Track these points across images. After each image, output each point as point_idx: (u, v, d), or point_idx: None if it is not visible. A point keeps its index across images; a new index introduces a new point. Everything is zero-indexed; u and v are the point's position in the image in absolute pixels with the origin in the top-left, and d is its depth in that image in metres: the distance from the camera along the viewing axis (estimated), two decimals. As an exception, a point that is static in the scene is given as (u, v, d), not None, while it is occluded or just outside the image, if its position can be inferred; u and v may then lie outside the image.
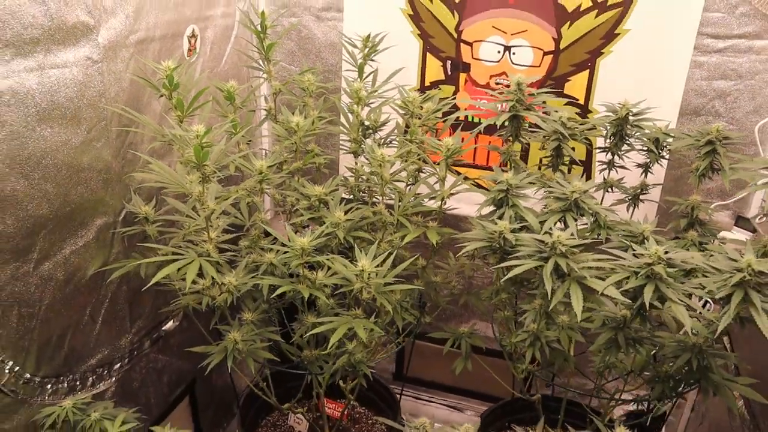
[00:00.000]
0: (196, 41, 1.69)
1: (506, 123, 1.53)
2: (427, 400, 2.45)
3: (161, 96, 1.28)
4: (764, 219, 1.54)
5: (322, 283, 1.34)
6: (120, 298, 1.58)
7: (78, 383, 1.49)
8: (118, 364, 1.62)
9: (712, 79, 1.70)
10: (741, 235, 1.70)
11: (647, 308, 1.15)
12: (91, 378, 1.54)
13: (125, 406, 1.40)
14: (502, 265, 1.25)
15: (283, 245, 1.31)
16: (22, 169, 1.20)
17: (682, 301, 1.08)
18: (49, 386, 1.40)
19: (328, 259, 1.28)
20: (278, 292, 1.28)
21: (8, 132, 1.15)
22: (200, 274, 1.29)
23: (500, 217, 1.34)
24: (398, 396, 2.01)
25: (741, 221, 1.77)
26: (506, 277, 1.16)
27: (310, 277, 1.34)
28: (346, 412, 1.93)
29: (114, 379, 1.61)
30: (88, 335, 1.50)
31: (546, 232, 1.21)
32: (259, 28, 1.59)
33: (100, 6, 1.30)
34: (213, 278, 1.27)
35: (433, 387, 2.43)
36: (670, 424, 2.09)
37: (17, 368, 1.30)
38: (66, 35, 1.23)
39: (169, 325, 1.81)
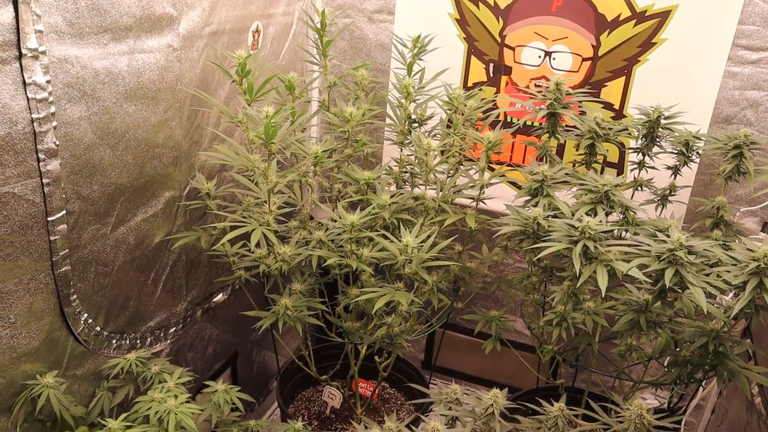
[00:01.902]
0: (259, 36, 1.84)
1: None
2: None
3: (233, 81, 1.42)
4: (788, 222, 1.62)
5: (368, 258, 1.46)
6: (179, 268, 1.73)
7: (138, 342, 1.64)
8: (173, 329, 1.77)
9: (744, 89, 1.78)
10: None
11: (667, 291, 1.24)
12: (149, 338, 1.68)
13: (176, 368, 1.54)
14: (535, 246, 1.35)
15: (333, 221, 1.44)
16: (109, 141, 1.35)
17: (700, 285, 1.18)
18: (114, 341, 1.55)
19: (376, 235, 1.40)
20: (328, 263, 1.41)
21: (101, 107, 1.31)
22: (257, 244, 1.43)
23: (535, 205, 1.45)
24: (428, 379, 2.12)
25: (767, 227, 1.84)
26: (538, 256, 1.27)
27: (357, 252, 1.46)
28: (377, 391, 2.05)
29: (169, 341, 1.76)
30: (149, 298, 1.65)
31: (577, 219, 1.32)
32: (319, 26, 1.73)
33: (183, 0, 1.46)
34: (269, 247, 1.40)
35: (459, 377, 2.53)
36: (690, 426, 2.15)
37: (90, 321, 1.45)
38: (153, 24, 1.38)
39: (219, 297, 1.95)
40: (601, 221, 1.29)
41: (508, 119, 2.03)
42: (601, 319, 1.46)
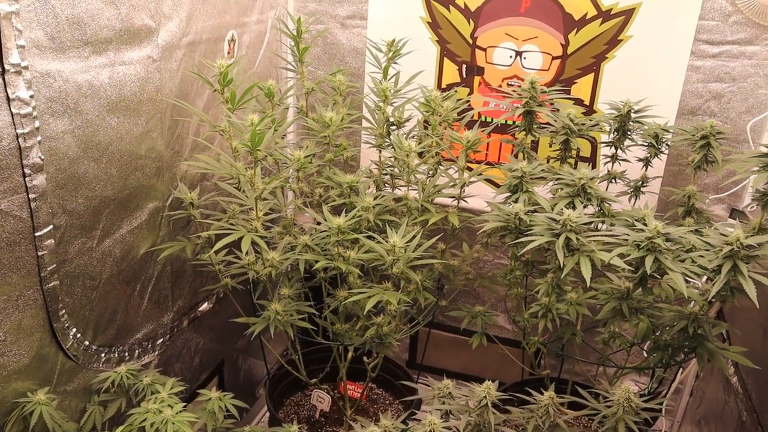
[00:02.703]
0: (234, 45, 1.85)
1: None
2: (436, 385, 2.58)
3: (214, 90, 1.43)
4: (755, 207, 1.68)
5: (355, 260, 1.48)
6: (164, 278, 1.72)
7: (126, 354, 1.63)
8: (161, 340, 1.76)
9: (707, 82, 1.85)
10: (734, 225, 1.85)
11: (647, 278, 1.29)
12: (137, 350, 1.68)
13: (164, 379, 1.54)
14: (518, 241, 1.39)
15: (319, 224, 1.46)
16: (93, 154, 1.35)
17: (679, 270, 1.23)
18: (103, 355, 1.54)
19: (365, 237, 1.43)
20: (317, 266, 1.43)
21: (84, 120, 1.31)
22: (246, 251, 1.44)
23: (515, 201, 1.49)
24: (416, 377, 2.15)
25: (735, 213, 1.92)
26: (524, 250, 1.31)
27: (344, 254, 1.49)
28: (365, 393, 2.06)
29: (157, 353, 1.75)
30: (136, 310, 1.65)
31: (558, 212, 1.36)
32: (294, 33, 1.75)
33: (161, 11, 1.46)
34: (257, 254, 1.42)
35: (444, 374, 2.55)
36: (670, 410, 2.22)
37: (79, 335, 1.45)
38: (133, 36, 1.39)
39: (204, 306, 1.95)
40: (580, 214, 1.33)
41: (483, 118, 2.07)
42: (583, 309, 1.51)
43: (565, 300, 1.52)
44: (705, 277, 1.37)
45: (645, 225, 1.30)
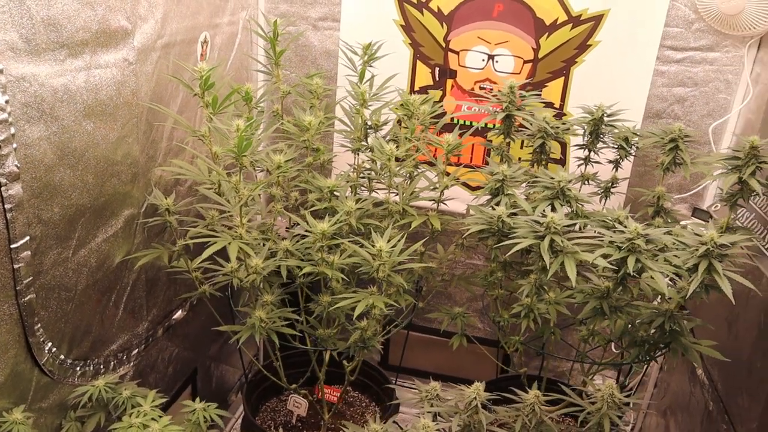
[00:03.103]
0: (207, 47, 1.81)
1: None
2: (409, 387, 2.59)
3: (195, 95, 1.40)
4: (719, 207, 1.76)
5: (338, 265, 1.48)
6: (139, 287, 1.68)
7: (102, 367, 1.58)
8: (136, 350, 1.72)
9: (672, 86, 1.92)
10: (698, 224, 1.93)
11: (627, 277, 1.34)
12: (113, 362, 1.63)
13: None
14: (502, 244, 1.42)
15: (289, 229, 1.45)
16: (69, 161, 1.30)
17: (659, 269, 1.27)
18: (78, 369, 1.49)
19: (350, 242, 1.42)
20: (303, 272, 1.41)
21: (60, 126, 1.26)
22: (225, 256, 1.42)
23: (497, 204, 1.51)
24: (393, 379, 2.15)
25: (697, 212, 2.00)
26: (510, 252, 1.33)
27: (328, 259, 1.48)
28: (341, 396, 2.06)
29: (132, 363, 1.70)
30: (111, 321, 1.60)
31: (541, 215, 1.39)
32: (271, 35, 1.73)
33: (137, 12, 1.42)
34: (240, 260, 1.39)
35: (418, 375, 2.57)
36: (636, 402, 2.30)
37: (54, 349, 1.39)
38: (109, 38, 1.34)
39: (178, 314, 1.91)
40: (562, 216, 1.37)
41: (456, 121, 2.10)
42: (562, 308, 1.55)
43: (545, 300, 1.55)
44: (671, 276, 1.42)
45: (624, 226, 1.34)
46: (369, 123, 1.77)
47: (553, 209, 1.49)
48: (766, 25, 1.71)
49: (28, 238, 1.22)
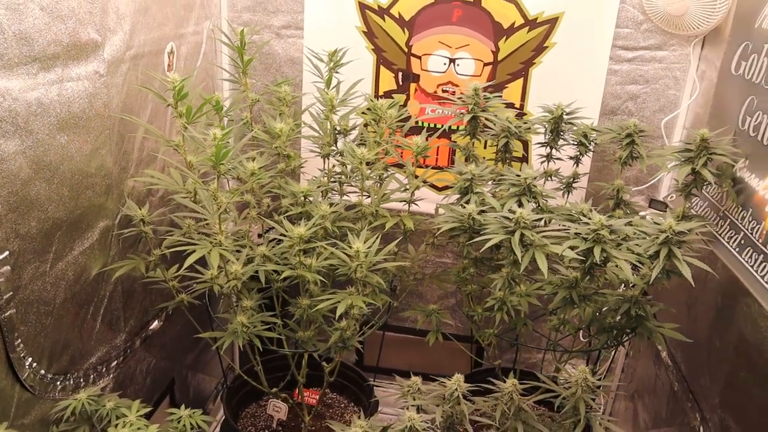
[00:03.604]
0: (174, 57, 1.82)
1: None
2: (386, 388, 2.63)
3: (168, 105, 1.42)
4: (674, 197, 1.86)
5: (316, 268, 1.51)
6: (116, 298, 1.67)
7: (82, 380, 1.57)
8: (115, 362, 1.71)
9: (624, 84, 2.02)
10: (655, 214, 2.03)
11: (594, 267, 1.41)
12: (92, 375, 1.62)
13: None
14: (474, 240, 1.47)
15: (260, 236, 1.48)
16: (45, 174, 1.30)
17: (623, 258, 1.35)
18: (58, 383, 1.48)
19: (326, 245, 1.46)
20: (283, 276, 1.44)
21: (35, 140, 1.26)
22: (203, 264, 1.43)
23: (467, 203, 1.57)
24: (371, 380, 2.19)
25: (654, 203, 2.10)
26: (483, 248, 1.39)
27: (306, 262, 1.51)
28: (320, 398, 2.09)
29: (111, 376, 1.70)
30: (90, 333, 1.59)
31: (510, 211, 1.45)
32: (238, 44, 1.75)
33: (106, 25, 1.43)
34: (220, 267, 1.41)
35: (392, 373, 2.61)
36: (605, 388, 2.39)
37: (35, 364, 1.38)
38: (80, 51, 1.35)
39: (155, 324, 1.91)
40: (530, 212, 1.43)
41: (420, 124, 2.15)
42: (533, 300, 1.61)
43: (516, 292, 1.61)
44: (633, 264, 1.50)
45: (588, 219, 1.42)
46: (338, 128, 1.81)
47: (521, 205, 1.56)
48: (709, 25, 1.82)
49: (7, 252, 1.22)
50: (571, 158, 1.89)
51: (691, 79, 1.97)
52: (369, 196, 1.73)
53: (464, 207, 1.54)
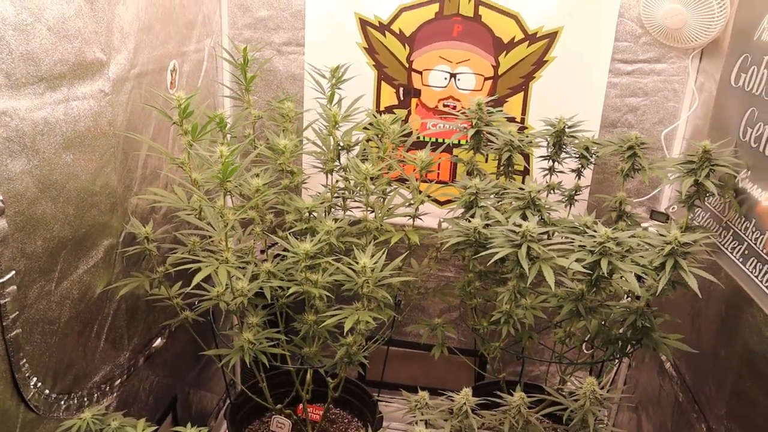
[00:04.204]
0: (176, 74, 1.83)
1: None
2: (388, 402, 2.62)
3: (173, 123, 1.42)
4: (676, 208, 1.87)
5: (322, 284, 1.51)
6: (120, 316, 1.67)
7: (85, 399, 1.56)
8: (118, 381, 1.70)
9: (624, 97, 2.04)
10: (656, 225, 2.04)
11: (601, 280, 1.41)
12: (96, 394, 1.61)
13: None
14: (480, 254, 1.48)
15: (263, 251, 1.48)
16: (51, 193, 1.30)
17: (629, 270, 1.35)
18: (62, 402, 1.47)
19: (334, 260, 1.46)
20: (290, 293, 1.44)
21: (41, 159, 1.26)
22: (207, 280, 1.43)
23: (472, 216, 1.57)
24: (375, 395, 2.18)
25: (655, 214, 2.11)
26: (491, 261, 1.39)
27: (312, 278, 1.51)
28: (324, 413, 2.07)
29: (115, 395, 1.69)
30: (93, 352, 1.58)
31: (515, 224, 1.45)
32: (241, 62, 1.76)
33: (111, 44, 1.44)
34: (227, 284, 1.41)
35: (396, 387, 2.60)
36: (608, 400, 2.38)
37: (39, 384, 1.37)
38: (85, 70, 1.36)
39: (158, 342, 1.90)
40: (536, 225, 1.44)
41: (422, 138, 2.16)
42: (538, 312, 1.61)
43: (521, 305, 1.61)
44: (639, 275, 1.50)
45: (594, 231, 1.42)
46: (341, 144, 1.81)
47: (525, 218, 1.56)
48: (707, 38, 1.84)
49: (13, 272, 1.21)
50: (572, 171, 1.90)
51: (690, 91, 1.99)
52: (373, 212, 1.74)
53: (469, 221, 1.54)
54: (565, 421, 1.40)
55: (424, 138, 2.16)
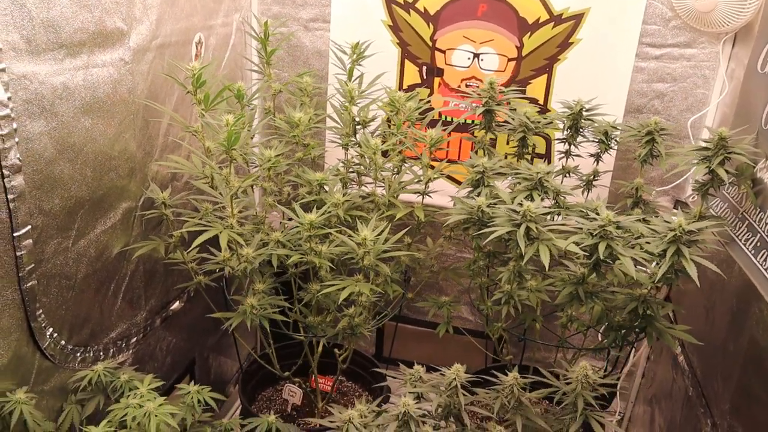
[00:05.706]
0: (201, 47, 1.89)
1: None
2: (400, 378, 2.66)
3: (188, 92, 1.47)
4: (695, 197, 1.82)
5: (327, 254, 1.55)
6: (137, 277, 1.75)
7: (101, 353, 1.65)
8: (134, 339, 1.79)
9: (651, 82, 1.99)
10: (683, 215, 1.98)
11: (601, 263, 1.40)
12: (112, 349, 1.70)
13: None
14: (481, 232, 1.48)
15: (289, 220, 1.51)
16: (69, 155, 1.38)
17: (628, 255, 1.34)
18: (78, 354, 1.56)
19: (337, 232, 1.49)
20: (291, 261, 1.48)
21: (60, 122, 1.33)
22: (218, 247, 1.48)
23: (477, 195, 1.58)
24: (384, 369, 2.21)
25: (679, 204, 2.06)
26: (487, 240, 1.40)
27: (317, 249, 1.54)
28: (335, 386, 2.12)
29: (130, 351, 1.77)
30: (110, 309, 1.67)
31: (518, 204, 1.45)
32: (262, 36, 1.80)
33: (132, 14, 1.49)
34: (232, 250, 1.46)
35: (410, 366, 2.63)
36: (624, 391, 2.35)
37: (56, 335, 1.46)
38: (105, 39, 1.42)
39: (176, 305, 1.98)
40: (539, 205, 1.43)
41: (443, 117, 2.16)
42: (543, 295, 1.61)
43: (526, 287, 1.61)
44: (654, 263, 1.49)
45: (598, 215, 1.41)
46: (357, 119, 1.84)
47: (532, 199, 1.55)
48: (739, 22, 1.77)
49: (29, 227, 1.29)
50: (591, 155, 1.87)
51: (720, 77, 1.92)
52: (383, 187, 1.76)
53: (475, 199, 1.55)
54: (555, 403, 1.40)
55: (444, 117, 2.16)
